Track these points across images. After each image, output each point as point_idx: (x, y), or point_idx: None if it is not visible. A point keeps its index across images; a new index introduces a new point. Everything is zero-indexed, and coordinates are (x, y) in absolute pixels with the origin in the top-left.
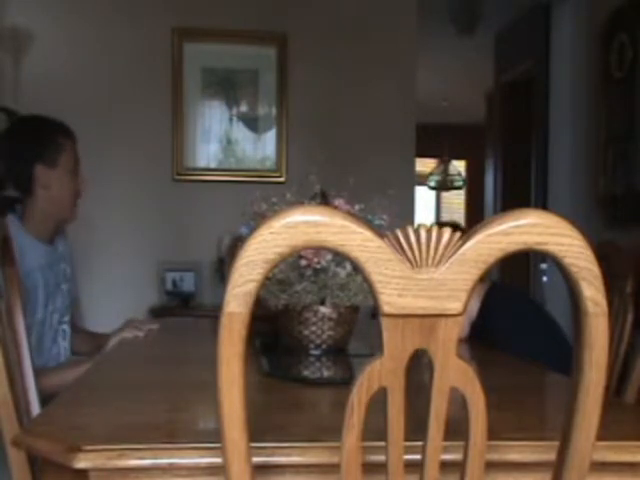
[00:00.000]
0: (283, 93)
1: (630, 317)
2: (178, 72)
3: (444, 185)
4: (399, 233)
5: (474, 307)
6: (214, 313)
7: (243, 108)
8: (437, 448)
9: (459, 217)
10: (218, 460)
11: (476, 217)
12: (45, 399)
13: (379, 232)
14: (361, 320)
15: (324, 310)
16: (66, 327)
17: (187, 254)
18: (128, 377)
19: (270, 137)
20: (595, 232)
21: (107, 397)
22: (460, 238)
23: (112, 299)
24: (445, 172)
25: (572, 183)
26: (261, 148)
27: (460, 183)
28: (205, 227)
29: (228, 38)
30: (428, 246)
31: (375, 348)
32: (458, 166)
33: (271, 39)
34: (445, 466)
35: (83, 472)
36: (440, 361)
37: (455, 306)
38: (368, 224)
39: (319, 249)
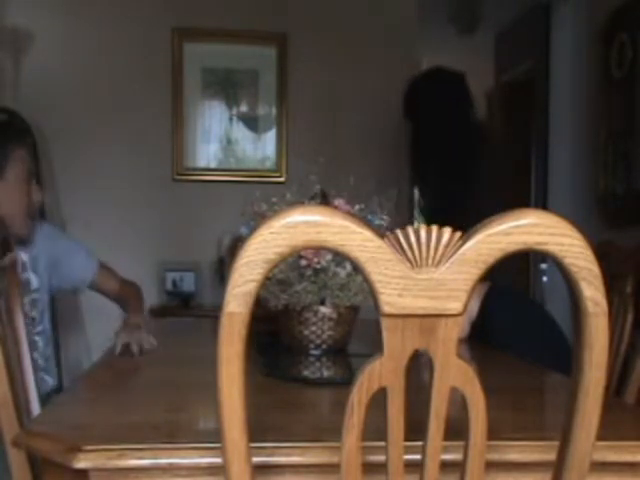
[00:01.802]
0: (283, 93)
1: (630, 317)
2: (178, 72)
3: None
4: (399, 233)
5: (474, 307)
6: (214, 313)
7: (243, 108)
8: (437, 448)
9: None
10: (218, 460)
11: None
12: (48, 395)
13: (379, 232)
14: (361, 320)
15: (324, 310)
16: (37, 338)
17: (187, 254)
18: (128, 377)
19: (270, 137)
20: (595, 232)
21: (107, 397)
22: (460, 238)
23: None
24: None
25: (572, 183)
26: (261, 148)
27: None
28: (205, 227)
29: (228, 38)
30: (428, 246)
31: (375, 348)
32: None
33: (271, 39)
34: (445, 466)
35: (83, 472)
36: (440, 361)
37: (455, 306)
38: (368, 224)
39: (319, 249)
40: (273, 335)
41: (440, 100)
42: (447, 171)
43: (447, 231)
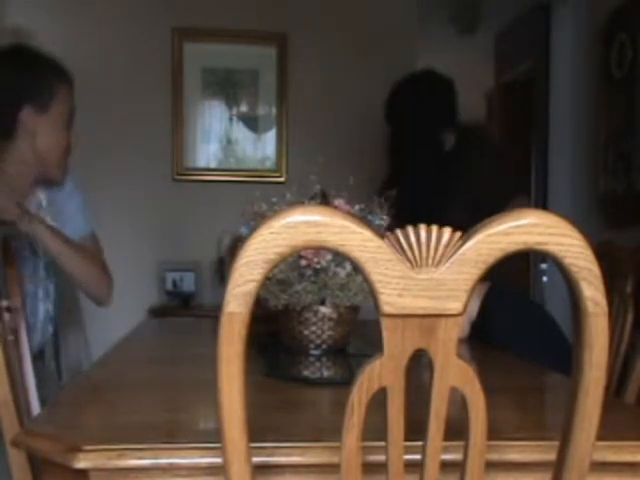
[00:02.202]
0: (283, 93)
1: (630, 317)
2: (178, 72)
3: None
4: (399, 233)
5: (474, 307)
6: (214, 313)
7: (243, 108)
8: (437, 448)
9: None
10: (218, 460)
11: None
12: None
13: (379, 232)
14: (361, 320)
15: (324, 310)
16: (51, 287)
17: (187, 254)
18: (128, 377)
19: (270, 137)
20: (595, 232)
21: (107, 397)
22: (460, 238)
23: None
24: None
25: (572, 183)
26: (261, 148)
27: None
28: (205, 227)
29: (228, 38)
30: (428, 246)
31: (375, 348)
32: None
33: (271, 39)
34: (445, 466)
35: (83, 472)
36: (440, 361)
37: (455, 306)
38: (368, 224)
39: (319, 249)
40: (273, 335)
41: (415, 104)
42: (415, 176)
43: (447, 231)
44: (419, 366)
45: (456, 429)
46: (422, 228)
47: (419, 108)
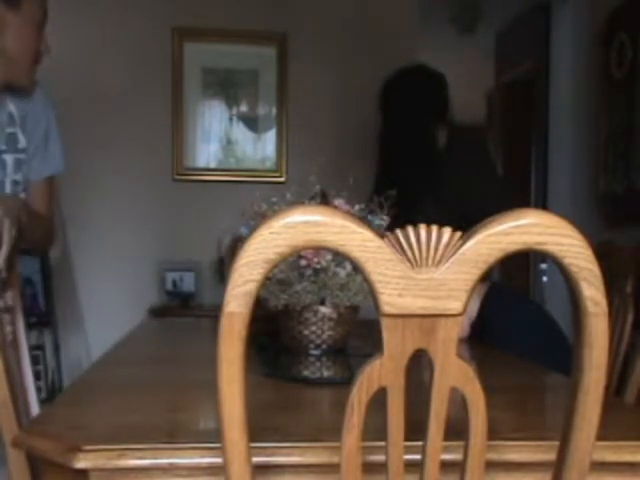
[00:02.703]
0: (283, 93)
1: (630, 317)
2: (178, 72)
3: None
4: (399, 233)
5: (474, 307)
6: (214, 313)
7: (243, 108)
8: (437, 448)
9: None
10: (218, 460)
11: None
12: None
13: (379, 232)
14: (361, 320)
15: (324, 310)
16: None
17: (187, 254)
18: (128, 377)
19: (270, 137)
20: (595, 232)
21: (107, 397)
22: (460, 238)
23: (112, 299)
24: None
25: (572, 183)
26: (261, 148)
27: None
28: (205, 227)
29: (228, 38)
30: (428, 246)
31: (375, 348)
32: None
33: (271, 39)
34: (445, 466)
35: (83, 472)
36: (440, 361)
37: (455, 306)
38: (368, 224)
39: (319, 249)
40: (273, 335)
41: (406, 97)
42: (411, 174)
43: (447, 231)
44: (419, 366)
45: (456, 429)
46: (422, 228)
47: (410, 100)
